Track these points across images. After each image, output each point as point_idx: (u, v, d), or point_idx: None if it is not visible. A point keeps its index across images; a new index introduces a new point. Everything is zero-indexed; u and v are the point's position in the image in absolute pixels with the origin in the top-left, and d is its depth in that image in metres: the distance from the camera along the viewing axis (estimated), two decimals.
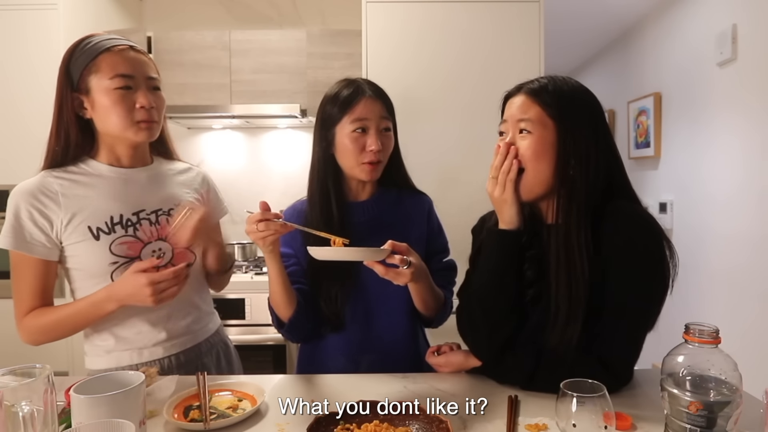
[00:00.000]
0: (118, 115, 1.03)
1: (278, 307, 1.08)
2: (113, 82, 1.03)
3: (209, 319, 1.24)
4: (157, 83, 1.10)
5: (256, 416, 0.88)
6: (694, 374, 0.69)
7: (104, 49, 1.04)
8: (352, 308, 1.13)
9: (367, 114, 1.09)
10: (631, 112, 3.24)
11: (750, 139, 2.16)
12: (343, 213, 1.13)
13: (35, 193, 1.04)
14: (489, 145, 1.16)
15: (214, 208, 1.17)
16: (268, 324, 2.20)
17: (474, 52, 2.13)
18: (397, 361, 1.14)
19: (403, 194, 1.22)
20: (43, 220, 1.03)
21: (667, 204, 2.83)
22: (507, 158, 0.95)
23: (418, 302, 1.12)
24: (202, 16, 2.82)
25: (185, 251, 1.15)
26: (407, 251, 0.99)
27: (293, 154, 2.81)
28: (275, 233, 0.95)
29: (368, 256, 0.95)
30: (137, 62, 1.06)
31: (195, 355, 1.17)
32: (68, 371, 2.16)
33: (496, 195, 0.96)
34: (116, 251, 1.06)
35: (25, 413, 0.65)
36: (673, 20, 2.82)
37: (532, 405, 0.91)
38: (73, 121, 1.07)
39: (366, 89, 1.11)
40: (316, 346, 1.17)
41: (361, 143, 1.08)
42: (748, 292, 2.17)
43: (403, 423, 0.80)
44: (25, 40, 2.15)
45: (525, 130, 0.95)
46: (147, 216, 1.11)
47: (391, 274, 0.96)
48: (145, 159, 1.18)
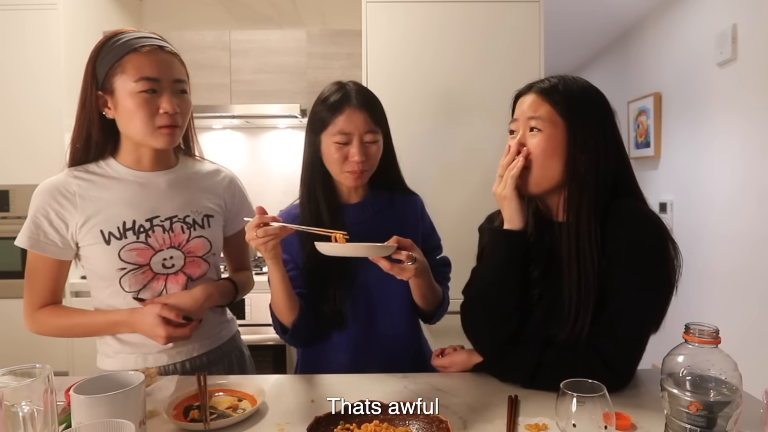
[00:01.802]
0: (141, 119, 1.01)
1: (281, 312, 1.08)
2: (138, 85, 0.99)
3: (222, 327, 1.21)
4: (184, 86, 1.06)
5: (256, 416, 0.88)
6: (694, 374, 0.69)
7: (131, 49, 1.00)
8: (353, 306, 1.13)
9: (348, 127, 1.07)
10: (631, 112, 3.24)
11: (750, 139, 2.16)
12: (335, 215, 1.13)
13: (54, 194, 1.04)
14: (488, 144, 1.16)
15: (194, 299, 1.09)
16: (269, 324, 2.19)
17: (474, 52, 2.12)
18: (399, 358, 1.14)
19: (395, 195, 1.21)
20: (59, 221, 1.04)
21: (667, 204, 2.83)
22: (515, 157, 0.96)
23: (418, 297, 1.12)
24: (202, 16, 2.82)
25: (197, 260, 1.13)
26: (412, 247, 1.00)
27: (293, 154, 2.80)
28: (275, 237, 0.94)
29: (376, 252, 0.95)
30: (164, 64, 1.03)
31: (201, 364, 1.14)
32: (68, 371, 2.16)
33: (498, 191, 0.98)
34: (125, 257, 1.05)
35: (25, 413, 0.65)
36: (673, 20, 2.82)
37: (532, 405, 0.90)
38: (96, 120, 1.05)
39: (353, 98, 1.08)
40: (318, 346, 1.17)
41: (344, 153, 1.07)
42: (748, 292, 2.17)
43: (403, 423, 0.80)
44: (25, 40, 2.15)
45: (535, 128, 0.96)
46: (161, 223, 1.08)
47: (396, 270, 0.98)
48: (168, 161, 1.15)
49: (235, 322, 1.28)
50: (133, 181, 1.09)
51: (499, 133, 2.09)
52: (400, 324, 1.17)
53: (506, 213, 0.97)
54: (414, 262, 0.99)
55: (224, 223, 1.21)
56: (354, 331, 1.14)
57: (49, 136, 2.15)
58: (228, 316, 1.25)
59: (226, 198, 1.21)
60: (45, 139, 2.15)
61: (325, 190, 1.14)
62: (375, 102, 1.12)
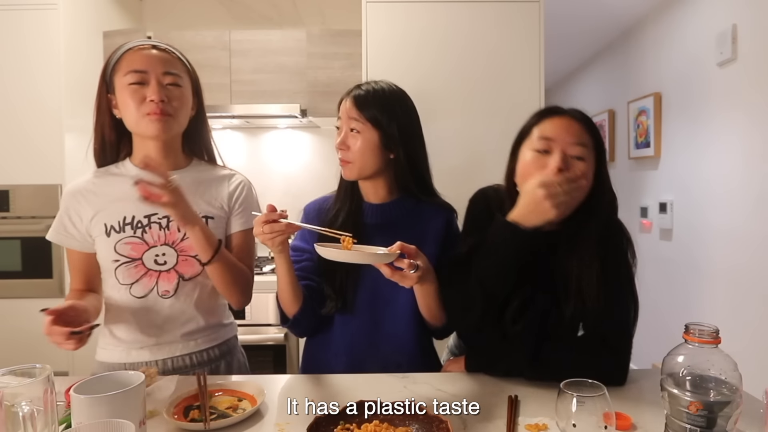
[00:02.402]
0: (130, 108, 1.08)
1: (285, 303, 1.10)
2: (128, 77, 1.08)
3: (213, 330, 1.20)
4: (176, 80, 1.12)
5: (256, 416, 0.88)
6: (694, 374, 0.69)
7: (127, 49, 1.11)
8: (359, 297, 1.13)
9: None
10: (631, 112, 3.24)
11: (750, 138, 2.16)
12: (353, 214, 1.15)
13: (74, 193, 1.14)
14: (488, 144, 1.17)
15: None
16: (268, 324, 2.20)
17: (474, 52, 2.13)
18: (402, 357, 1.13)
19: (422, 204, 1.19)
20: (76, 216, 1.13)
21: (667, 204, 2.83)
22: (576, 178, 0.97)
23: (423, 307, 1.10)
24: (202, 16, 2.82)
25: (190, 259, 1.13)
26: (416, 254, 0.98)
27: (293, 154, 2.80)
28: (281, 234, 0.95)
29: (376, 259, 0.94)
30: (154, 58, 1.10)
31: (184, 365, 1.14)
32: (68, 371, 2.16)
33: (560, 200, 0.93)
34: (120, 250, 1.10)
35: (25, 413, 0.65)
36: (673, 20, 2.82)
37: (532, 405, 0.91)
38: (108, 121, 1.14)
39: None
40: (322, 339, 1.17)
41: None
42: (748, 292, 2.17)
43: (403, 423, 0.80)
44: (25, 40, 2.15)
45: (580, 158, 0.97)
46: (158, 220, 1.12)
47: (397, 276, 0.95)
48: (177, 162, 1.18)
49: (233, 327, 1.27)
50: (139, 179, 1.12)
51: (498, 133, 2.09)
52: (405, 323, 1.15)
53: (541, 218, 0.94)
54: (416, 270, 0.96)
55: (225, 225, 1.21)
56: (358, 323, 1.13)
57: (48, 136, 2.15)
58: (225, 320, 1.24)
59: (230, 201, 1.21)
60: (45, 139, 2.15)
61: (354, 188, 1.18)
62: None
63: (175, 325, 1.14)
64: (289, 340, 2.18)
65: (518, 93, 2.11)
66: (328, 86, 2.41)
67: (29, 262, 2.17)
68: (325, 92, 2.41)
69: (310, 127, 2.77)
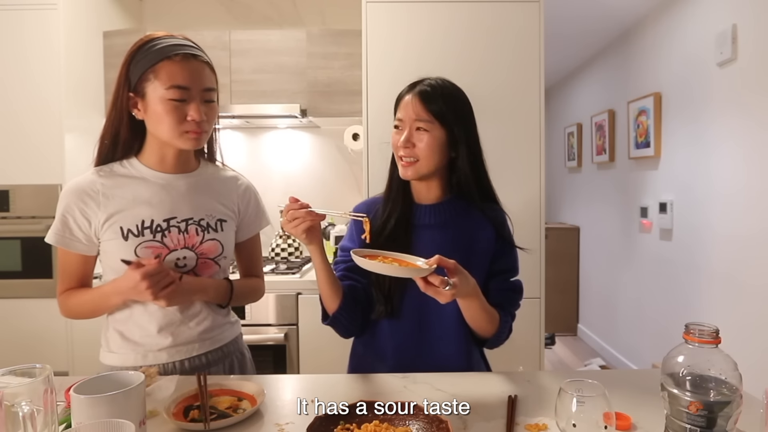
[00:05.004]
0: (168, 124, 1.05)
1: (324, 298, 1.10)
2: (168, 92, 1.03)
3: (225, 327, 1.21)
4: (212, 96, 1.09)
5: (256, 416, 0.88)
6: (694, 374, 0.69)
7: (165, 57, 1.04)
8: (406, 301, 1.11)
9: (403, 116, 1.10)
10: (631, 112, 3.24)
11: (750, 138, 2.16)
12: (403, 214, 1.13)
13: (80, 193, 1.08)
14: (488, 144, 1.16)
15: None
16: (269, 324, 2.20)
17: (474, 51, 2.13)
18: (447, 365, 1.11)
19: (473, 208, 1.15)
20: (83, 219, 1.08)
21: (667, 204, 2.83)
22: None
23: (467, 318, 1.08)
24: (202, 16, 2.82)
25: (209, 262, 1.15)
26: (454, 269, 0.94)
27: (293, 154, 2.80)
28: (303, 221, 0.97)
29: (409, 273, 0.92)
30: (195, 73, 1.06)
31: (201, 364, 1.14)
32: (68, 371, 2.16)
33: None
34: (141, 254, 1.08)
35: (25, 413, 0.65)
36: (673, 20, 2.82)
37: (532, 405, 0.91)
38: (125, 120, 1.09)
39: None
40: (368, 342, 1.17)
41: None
42: (748, 292, 2.17)
43: (403, 423, 0.80)
44: (25, 40, 2.15)
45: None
46: (177, 224, 1.11)
47: (431, 291, 0.91)
48: (189, 164, 1.18)
49: (238, 325, 1.28)
50: (154, 182, 1.12)
51: (498, 133, 2.09)
52: (452, 330, 1.12)
53: None
54: (450, 287, 0.91)
55: (237, 228, 1.23)
56: (405, 328, 1.12)
57: (48, 136, 2.15)
58: (232, 318, 1.25)
59: (240, 205, 1.23)
60: (45, 139, 2.15)
61: (407, 189, 1.16)
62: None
63: (192, 323, 1.14)
64: (289, 340, 2.18)
65: (518, 93, 2.12)
66: (328, 86, 2.41)
67: (29, 262, 2.17)
68: (325, 92, 2.41)
69: (310, 127, 2.77)
